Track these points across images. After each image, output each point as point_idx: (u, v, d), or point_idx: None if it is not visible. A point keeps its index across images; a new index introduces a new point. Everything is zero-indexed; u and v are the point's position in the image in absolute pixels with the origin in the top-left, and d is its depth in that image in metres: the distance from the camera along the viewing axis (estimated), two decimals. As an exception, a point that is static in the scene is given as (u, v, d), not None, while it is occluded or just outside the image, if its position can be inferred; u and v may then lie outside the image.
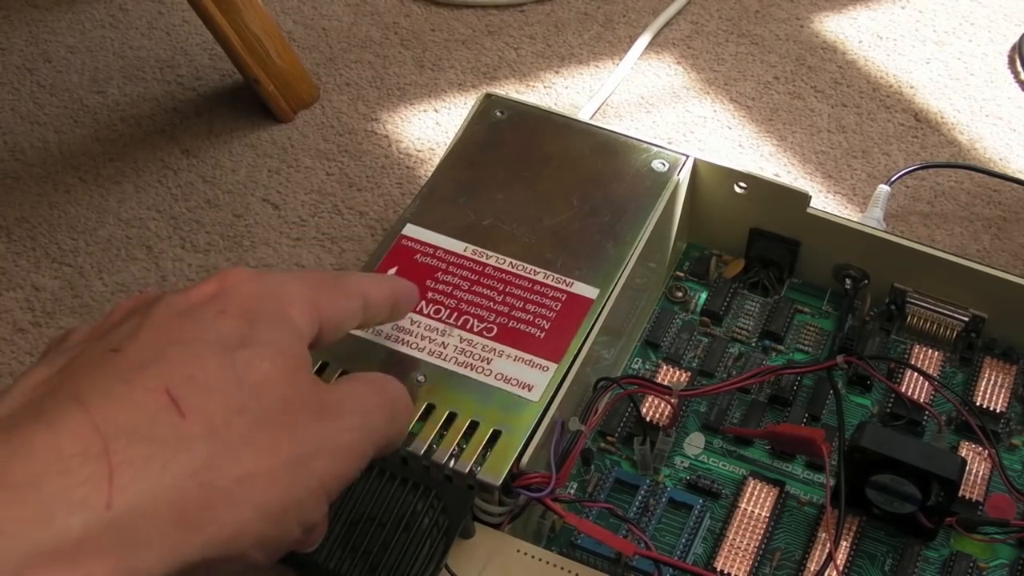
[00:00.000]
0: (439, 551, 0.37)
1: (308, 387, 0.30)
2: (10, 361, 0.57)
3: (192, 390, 0.27)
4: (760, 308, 0.53)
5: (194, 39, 0.75)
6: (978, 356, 0.50)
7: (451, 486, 0.40)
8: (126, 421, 0.26)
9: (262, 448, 0.28)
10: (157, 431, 0.26)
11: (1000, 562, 0.44)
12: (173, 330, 0.29)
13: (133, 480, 0.25)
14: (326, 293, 0.33)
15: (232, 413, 0.28)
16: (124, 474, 0.25)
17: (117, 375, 0.27)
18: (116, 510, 0.25)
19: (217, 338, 0.29)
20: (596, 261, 0.47)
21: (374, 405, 0.32)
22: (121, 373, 0.27)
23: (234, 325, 0.30)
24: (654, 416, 0.49)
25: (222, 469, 0.27)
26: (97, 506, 0.25)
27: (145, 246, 0.62)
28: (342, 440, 0.30)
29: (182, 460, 0.26)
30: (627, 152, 0.51)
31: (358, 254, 0.61)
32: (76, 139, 0.69)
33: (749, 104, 0.69)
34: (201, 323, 0.29)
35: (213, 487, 0.27)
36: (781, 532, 0.45)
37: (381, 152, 0.67)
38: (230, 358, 0.28)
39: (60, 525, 0.24)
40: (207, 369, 0.28)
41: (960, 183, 0.64)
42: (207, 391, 0.28)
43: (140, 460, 0.26)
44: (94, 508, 0.25)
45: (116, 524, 0.25)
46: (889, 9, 0.76)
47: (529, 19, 0.75)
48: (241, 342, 0.29)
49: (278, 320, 0.31)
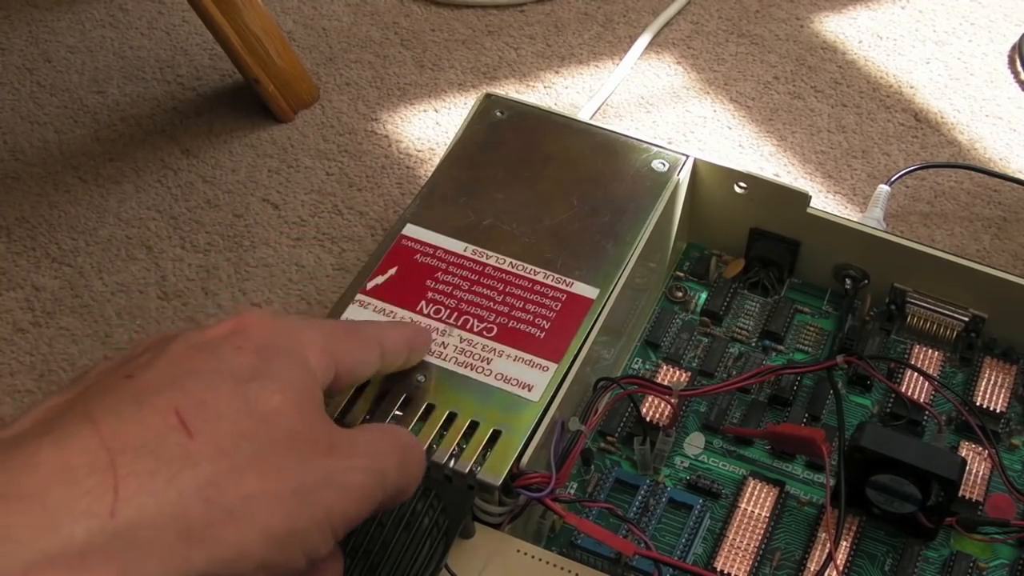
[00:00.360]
0: (439, 551, 0.37)
1: (318, 424, 0.31)
2: (10, 361, 0.57)
3: (201, 413, 0.28)
4: (760, 308, 0.53)
5: (194, 39, 0.75)
6: (978, 356, 0.50)
7: (451, 486, 0.40)
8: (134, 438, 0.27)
9: (267, 472, 0.28)
10: (164, 448, 0.27)
11: (1000, 562, 0.44)
12: (188, 361, 0.30)
13: (138, 492, 0.26)
14: (342, 341, 0.34)
15: (240, 437, 0.28)
16: (129, 486, 0.26)
17: (129, 397, 0.28)
18: (120, 520, 0.25)
19: (231, 370, 0.30)
20: (596, 261, 0.47)
21: (386, 450, 0.33)
22: (133, 395, 0.28)
23: (248, 360, 0.30)
24: (654, 416, 0.49)
25: (227, 488, 0.27)
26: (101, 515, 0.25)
27: (145, 246, 0.62)
28: (351, 479, 0.31)
29: (187, 476, 0.27)
30: (627, 152, 0.51)
31: (358, 254, 0.61)
32: (76, 139, 0.69)
33: (749, 104, 0.69)
34: (216, 356, 0.30)
35: (218, 505, 0.27)
36: (781, 532, 0.45)
37: (381, 152, 0.67)
38: (242, 388, 0.29)
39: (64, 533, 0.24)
40: (218, 396, 0.29)
41: (960, 183, 0.64)
42: (216, 416, 0.28)
43: (146, 473, 0.26)
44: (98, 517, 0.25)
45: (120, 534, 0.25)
46: (889, 9, 0.76)
47: (529, 19, 0.75)
48: (254, 375, 0.30)
49: (292, 358, 0.31)
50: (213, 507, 0.27)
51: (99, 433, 0.26)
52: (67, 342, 0.58)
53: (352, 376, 0.35)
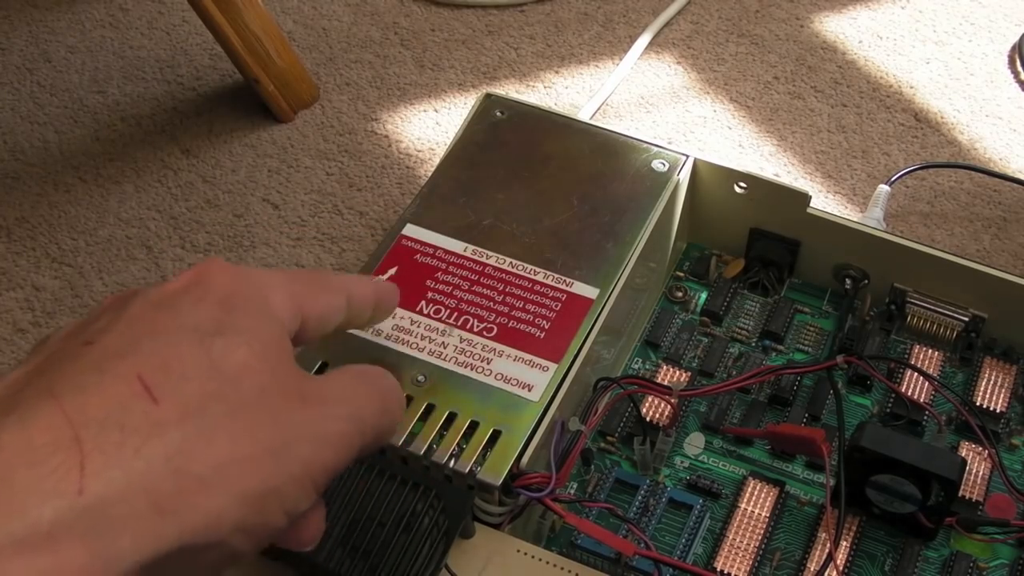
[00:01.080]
0: (439, 551, 0.37)
1: (288, 375, 0.30)
2: (10, 361, 0.57)
3: (166, 377, 0.27)
4: (760, 308, 0.53)
5: (194, 39, 0.75)
6: (978, 356, 0.50)
7: (451, 486, 0.40)
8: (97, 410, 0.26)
9: (239, 433, 0.27)
10: (129, 418, 0.26)
11: (1000, 562, 0.44)
12: (148, 321, 0.28)
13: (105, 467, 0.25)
14: (307, 287, 0.33)
15: (207, 399, 0.27)
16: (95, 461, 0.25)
17: (90, 366, 0.27)
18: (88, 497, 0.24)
19: (193, 325, 0.28)
20: (596, 261, 0.47)
21: (363, 395, 0.32)
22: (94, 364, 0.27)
23: (211, 313, 0.29)
24: (654, 416, 0.49)
25: (197, 455, 0.26)
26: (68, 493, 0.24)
27: (145, 246, 0.62)
28: (327, 428, 0.30)
29: (155, 446, 0.26)
30: (627, 152, 0.51)
31: (358, 254, 0.61)
32: (76, 139, 0.69)
33: (749, 104, 0.69)
34: (177, 312, 0.29)
35: (188, 473, 0.26)
36: (781, 532, 0.45)
37: (381, 152, 0.67)
38: (206, 345, 0.28)
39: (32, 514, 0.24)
40: (182, 356, 0.27)
41: (960, 183, 0.64)
42: (181, 378, 0.27)
43: (112, 447, 0.25)
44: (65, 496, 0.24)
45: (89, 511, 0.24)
46: (889, 9, 0.76)
47: (529, 19, 0.75)
48: (218, 329, 0.29)
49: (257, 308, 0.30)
50: (183, 475, 0.26)
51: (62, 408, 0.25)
52: (67, 342, 0.58)
53: (320, 323, 0.33)
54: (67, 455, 0.25)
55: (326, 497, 0.32)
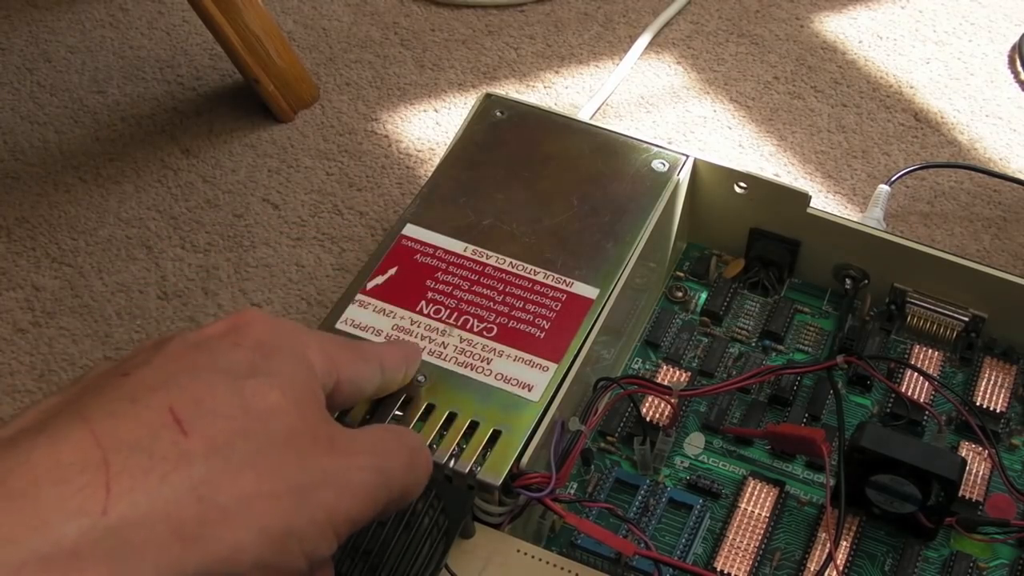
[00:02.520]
0: (439, 551, 0.37)
1: (319, 421, 0.30)
2: (10, 361, 0.57)
3: (197, 411, 0.27)
4: (760, 308, 0.53)
5: (194, 39, 0.75)
6: (978, 356, 0.50)
7: (451, 486, 0.40)
8: (128, 435, 0.26)
9: (264, 471, 0.28)
10: (158, 446, 0.26)
11: (1000, 562, 0.44)
12: (184, 359, 0.29)
13: (130, 490, 0.25)
14: (343, 351, 0.34)
15: (236, 435, 0.28)
16: (122, 483, 0.25)
17: (124, 395, 0.27)
18: (111, 518, 0.25)
19: (228, 366, 0.29)
20: (596, 261, 0.47)
21: (392, 450, 0.32)
22: (128, 393, 0.28)
23: (246, 356, 0.30)
24: (654, 416, 0.49)
25: (222, 486, 0.27)
26: (93, 513, 0.25)
27: (145, 246, 0.62)
28: (352, 477, 0.30)
29: (181, 475, 0.26)
30: (627, 152, 0.51)
31: (358, 254, 0.61)
32: (76, 139, 0.69)
33: (749, 104, 0.69)
34: (213, 353, 0.30)
35: (212, 503, 0.26)
36: (781, 532, 0.45)
37: (381, 152, 0.67)
38: (239, 385, 0.29)
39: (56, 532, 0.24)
40: (214, 394, 0.28)
41: (960, 183, 0.64)
42: (212, 413, 0.28)
43: (139, 471, 0.26)
44: (90, 515, 0.25)
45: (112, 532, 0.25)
46: (889, 9, 0.76)
47: (529, 19, 0.75)
48: (252, 372, 0.29)
49: (292, 356, 0.31)
50: (207, 505, 0.26)
51: (92, 431, 0.26)
52: (67, 342, 0.58)
53: (354, 388, 0.34)
54: (94, 475, 0.25)
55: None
